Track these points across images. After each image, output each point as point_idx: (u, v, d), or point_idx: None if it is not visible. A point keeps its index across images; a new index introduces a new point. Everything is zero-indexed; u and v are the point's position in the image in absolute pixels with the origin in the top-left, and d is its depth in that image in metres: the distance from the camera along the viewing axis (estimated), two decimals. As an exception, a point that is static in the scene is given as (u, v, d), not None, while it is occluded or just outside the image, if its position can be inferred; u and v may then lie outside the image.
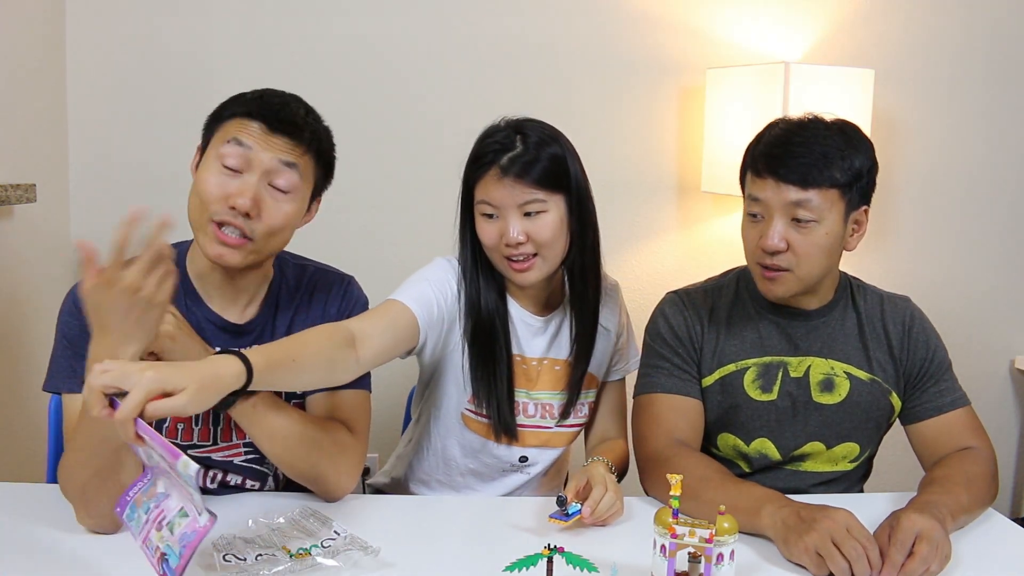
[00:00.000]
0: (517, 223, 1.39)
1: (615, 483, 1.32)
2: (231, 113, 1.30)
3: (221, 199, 1.25)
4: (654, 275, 2.52)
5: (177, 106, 2.30)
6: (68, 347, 1.30)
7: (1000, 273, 2.64)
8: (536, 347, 1.54)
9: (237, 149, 1.26)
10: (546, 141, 1.42)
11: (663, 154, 2.48)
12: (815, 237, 1.38)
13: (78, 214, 2.31)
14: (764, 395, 1.49)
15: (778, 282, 1.43)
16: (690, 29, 2.43)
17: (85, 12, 2.25)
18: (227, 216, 1.25)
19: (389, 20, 2.34)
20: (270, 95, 1.32)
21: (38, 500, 1.36)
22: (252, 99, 1.31)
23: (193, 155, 1.35)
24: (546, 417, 1.54)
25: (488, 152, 1.41)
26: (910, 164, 2.56)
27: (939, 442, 1.48)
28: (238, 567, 1.09)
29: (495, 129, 1.44)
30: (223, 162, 1.26)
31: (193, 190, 1.29)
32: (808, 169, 1.36)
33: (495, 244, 1.42)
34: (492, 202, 1.40)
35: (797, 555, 1.17)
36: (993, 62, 2.55)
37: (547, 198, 1.41)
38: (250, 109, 1.28)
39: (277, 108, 1.29)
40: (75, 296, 1.30)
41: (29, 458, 2.05)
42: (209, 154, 1.29)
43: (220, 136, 1.29)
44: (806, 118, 1.43)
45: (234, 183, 1.26)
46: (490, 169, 1.40)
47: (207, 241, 1.27)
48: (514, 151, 1.39)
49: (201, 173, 1.28)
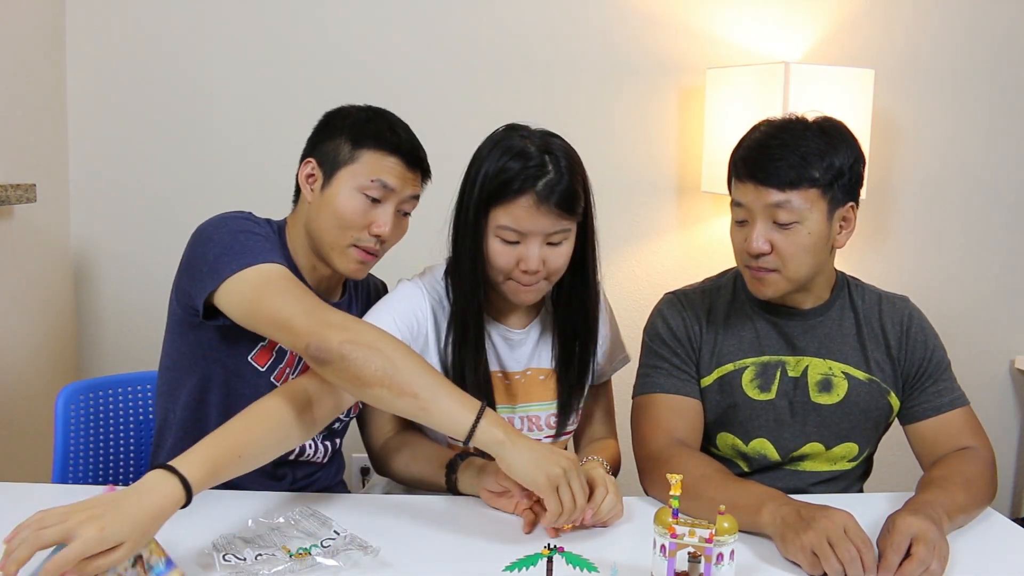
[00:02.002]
0: (537, 251, 1.36)
1: (615, 484, 1.32)
2: (368, 144, 1.41)
3: (364, 227, 1.41)
4: (654, 275, 2.52)
5: (177, 106, 2.30)
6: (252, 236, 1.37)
7: (1000, 273, 2.65)
8: (517, 360, 1.52)
9: (382, 189, 1.41)
10: (572, 165, 1.37)
11: (663, 154, 2.48)
12: (798, 238, 1.39)
13: (78, 214, 2.31)
14: (763, 395, 1.49)
15: (766, 283, 1.43)
16: (690, 29, 2.43)
17: (85, 12, 2.25)
18: (369, 242, 1.42)
19: (389, 21, 2.34)
20: (398, 128, 1.45)
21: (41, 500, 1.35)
22: (386, 132, 1.43)
23: (301, 167, 1.47)
24: (534, 430, 1.51)
25: (518, 178, 1.33)
26: (910, 164, 2.56)
27: (938, 442, 1.48)
28: (238, 567, 1.09)
29: (522, 150, 1.35)
30: (367, 193, 1.40)
31: (329, 211, 1.41)
32: (786, 171, 1.36)
33: (509, 268, 1.38)
34: (520, 229, 1.34)
35: (793, 552, 1.17)
36: (993, 62, 2.55)
37: (571, 226, 1.39)
38: (390, 145, 1.42)
39: (412, 147, 1.45)
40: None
41: (32, 458, 2.05)
42: (347, 182, 1.41)
43: (360, 169, 1.41)
44: (787, 119, 1.43)
45: (375, 213, 1.42)
46: (521, 196, 1.33)
47: (345, 260, 1.43)
48: (547, 177, 1.33)
49: (342, 201, 1.40)
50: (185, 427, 1.45)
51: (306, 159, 1.47)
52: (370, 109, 1.48)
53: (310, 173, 1.45)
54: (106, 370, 2.33)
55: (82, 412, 1.62)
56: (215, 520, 1.25)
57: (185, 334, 1.43)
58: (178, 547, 1.15)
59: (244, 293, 1.29)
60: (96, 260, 2.34)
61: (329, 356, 1.20)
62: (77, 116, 2.28)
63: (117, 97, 2.29)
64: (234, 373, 1.43)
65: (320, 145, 1.45)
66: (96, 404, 1.65)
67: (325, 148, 1.44)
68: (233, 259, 1.31)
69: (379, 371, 1.19)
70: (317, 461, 1.54)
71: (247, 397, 1.33)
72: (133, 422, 1.69)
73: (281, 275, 1.30)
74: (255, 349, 1.44)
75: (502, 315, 1.51)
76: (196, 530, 1.21)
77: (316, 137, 1.48)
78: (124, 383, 1.69)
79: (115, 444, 1.67)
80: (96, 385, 1.66)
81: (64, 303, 2.28)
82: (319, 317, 1.23)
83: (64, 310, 2.29)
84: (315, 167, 1.45)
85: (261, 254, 1.32)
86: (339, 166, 1.42)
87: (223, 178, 2.31)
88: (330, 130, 1.46)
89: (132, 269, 2.34)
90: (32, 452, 2.05)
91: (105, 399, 1.66)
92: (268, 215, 1.51)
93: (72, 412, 1.61)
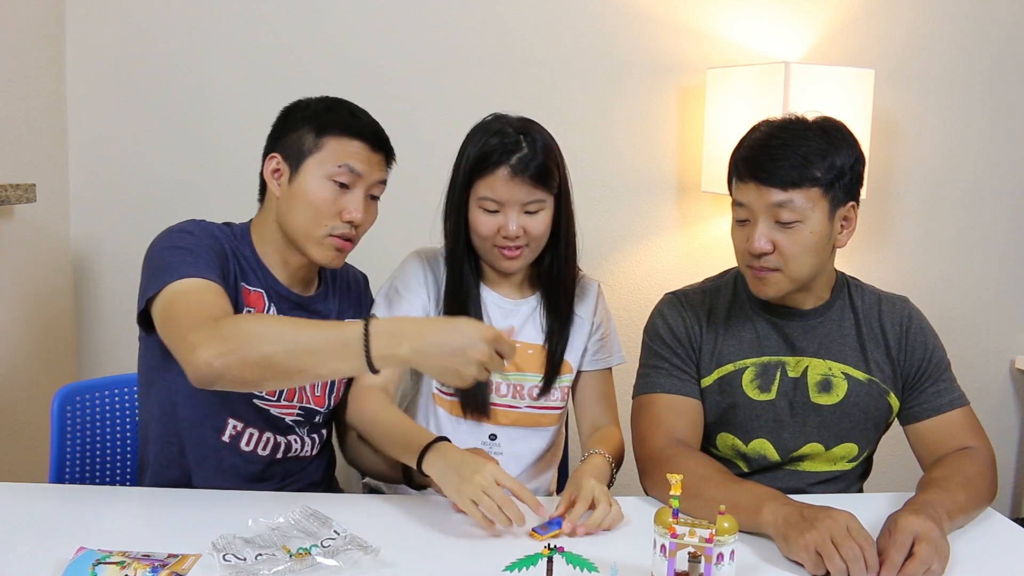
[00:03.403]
0: (516, 219, 1.50)
1: (605, 493, 1.31)
2: (331, 131, 1.43)
3: (336, 215, 1.42)
4: (654, 275, 2.52)
5: (177, 106, 2.30)
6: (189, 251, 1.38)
7: (1000, 273, 2.64)
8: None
9: (349, 174, 1.42)
10: (548, 144, 1.52)
11: (663, 154, 2.48)
12: (800, 237, 1.39)
13: (78, 214, 2.31)
14: (763, 395, 1.49)
15: (768, 282, 1.43)
16: (690, 29, 2.43)
17: (85, 12, 2.25)
18: (344, 229, 1.43)
19: (388, 21, 2.34)
20: (359, 113, 1.47)
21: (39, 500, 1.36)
22: (347, 118, 1.44)
23: (265, 163, 1.47)
24: (517, 397, 1.60)
25: (495, 152, 1.48)
26: (910, 164, 2.56)
27: (938, 442, 1.48)
28: (238, 567, 1.09)
29: (500, 130, 1.50)
30: (336, 180, 1.42)
31: (299, 202, 1.42)
32: (788, 171, 1.36)
33: (491, 235, 1.51)
34: (497, 199, 1.49)
35: (796, 552, 1.17)
36: (994, 62, 2.55)
37: (545, 197, 1.52)
38: (352, 130, 1.43)
39: (374, 129, 1.47)
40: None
41: (30, 458, 2.05)
42: (314, 171, 1.42)
43: (326, 156, 1.42)
44: (787, 119, 1.44)
45: (345, 199, 1.43)
46: (498, 168, 1.48)
47: (322, 251, 1.44)
48: (522, 152, 1.48)
49: (312, 190, 1.42)
50: (165, 440, 1.47)
51: (270, 155, 1.47)
52: (328, 99, 1.49)
53: (275, 168, 1.46)
54: (105, 370, 2.33)
55: (78, 413, 1.63)
56: (215, 520, 1.25)
57: (149, 346, 1.46)
58: (178, 547, 1.15)
59: (157, 315, 1.33)
60: (96, 260, 2.34)
61: (210, 378, 1.19)
62: (77, 116, 2.28)
63: (117, 97, 2.29)
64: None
65: (282, 139, 1.46)
66: (92, 405, 1.65)
67: (288, 141, 1.45)
68: (155, 278, 1.34)
69: (256, 368, 1.18)
70: (306, 455, 1.55)
71: (216, 403, 1.42)
72: (129, 423, 1.70)
73: (182, 293, 1.30)
74: None
75: (497, 285, 1.63)
76: (196, 530, 1.22)
77: (277, 132, 1.48)
78: (119, 384, 1.70)
79: (111, 445, 1.68)
80: (92, 387, 1.66)
81: (63, 303, 2.28)
82: (188, 342, 1.20)
83: (63, 310, 2.28)
84: (280, 161, 1.45)
85: (177, 270, 1.33)
86: (304, 156, 1.43)
87: (223, 178, 2.30)
88: (291, 123, 1.46)
89: (132, 269, 2.32)
90: (31, 452, 2.05)
91: (101, 400, 1.66)
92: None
93: (68, 413, 1.61)
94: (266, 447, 1.48)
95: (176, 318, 1.27)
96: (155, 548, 1.14)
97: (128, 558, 1.09)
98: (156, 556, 1.11)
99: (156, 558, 1.10)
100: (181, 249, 1.37)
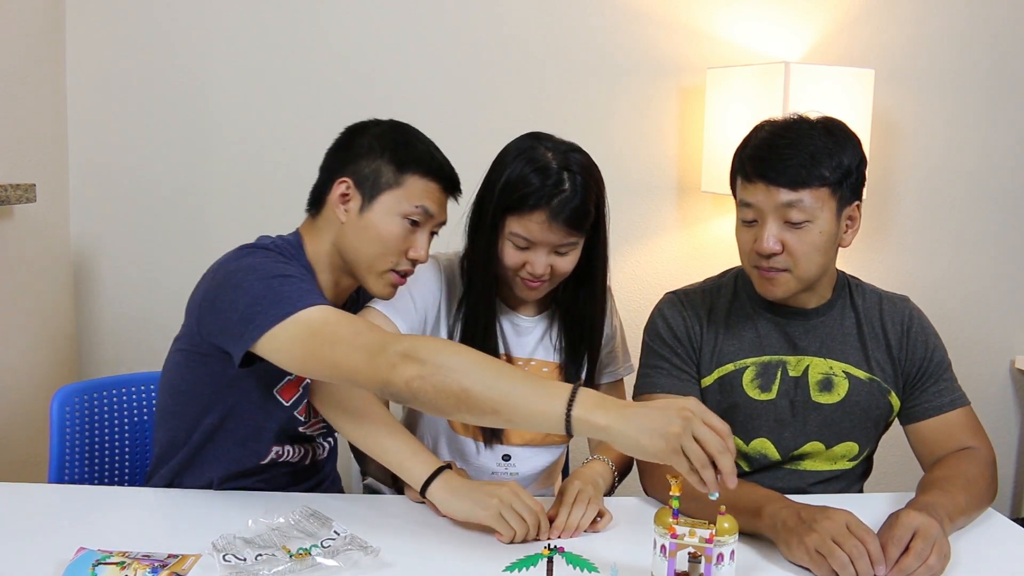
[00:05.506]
0: (544, 258, 1.44)
1: (585, 496, 1.30)
2: (413, 168, 1.40)
3: (403, 252, 1.41)
4: (654, 275, 2.52)
5: (177, 106, 2.30)
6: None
7: (1000, 273, 2.64)
8: (523, 347, 1.57)
9: (424, 215, 1.40)
10: (588, 183, 1.43)
11: (663, 154, 2.48)
12: (810, 237, 1.39)
13: (78, 214, 2.31)
14: (763, 394, 1.49)
15: (777, 283, 1.43)
16: (690, 29, 2.43)
17: (85, 12, 2.25)
18: (407, 267, 1.43)
19: (387, 22, 2.34)
20: (434, 150, 1.44)
21: (39, 500, 1.36)
22: (427, 157, 1.42)
23: (334, 185, 1.41)
24: None
25: (534, 194, 1.40)
26: (910, 164, 2.56)
27: (938, 442, 1.48)
28: (238, 567, 1.09)
29: (543, 166, 1.41)
30: (409, 218, 1.40)
31: (369, 235, 1.39)
32: (797, 170, 1.36)
33: (517, 267, 1.46)
34: (531, 239, 1.42)
35: (798, 556, 1.17)
36: (993, 62, 2.55)
37: (579, 240, 1.46)
38: (433, 171, 1.41)
39: (451, 171, 1.45)
40: None
41: (30, 458, 2.05)
42: (390, 206, 1.39)
43: (405, 195, 1.39)
44: (790, 119, 1.44)
45: (414, 238, 1.41)
46: (535, 212, 1.40)
47: (380, 284, 1.42)
48: (563, 194, 1.40)
49: (385, 225, 1.39)
50: (195, 450, 1.45)
51: (340, 178, 1.40)
52: (401, 127, 1.45)
53: (345, 193, 1.40)
54: (105, 370, 2.33)
55: (77, 414, 1.63)
56: (215, 520, 1.25)
57: (206, 363, 1.39)
58: (178, 547, 1.15)
59: (291, 347, 1.25)
60: (96, 260, 2.34)
61: (401, 397, 1.19)
62: (77, 116, 2.28)
63: (117, 97, 2.29)
64: (258, 406, 1.42)
65: (353, 164, 1.40)
66: (91, 406, 1.65)
67: (362, 167, 1.39)
68: (269, 309, 1.25)
69: (452, 399, 1.15)
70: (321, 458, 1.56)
71: (266, 430, 1.42)
72: (128, 423, 1.70)
73: (325, 321, 1.24)
74: (282, 383, 1.43)
75: (512, 302, 1.57)
76: (196, 530, 1.22)
77: (346, 155, 1.42)
78: (119, 384, 1.70)
79: (110, 445, 1.68)
80: (91, 387, 1.66)
81: (63, 303, 2.28)
82: (381, 360, 1.18)
83: (63, 310, 2.28)
84: (351, 187, 1.39)
85: (300, 299, 1.26)
86: (381, 189, 1.39)
87: (223, 178, 2.30)
88: (363, 148, 1.41)
89: (132, 269, 2.34)
90: (31, 452, 2.05)
91: (100, 401, 1.66)
92: (267, 214, 1.51)
93: (67, 414, 1.61)
94: (294, 456, 1.50)
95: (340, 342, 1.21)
96: (155, 548, 1.14)
97: (128, 558, 1.09)
98: (156, 556, 1.11)
99: (156, 558, 1.10)
100: (289, 278, 1.31)
